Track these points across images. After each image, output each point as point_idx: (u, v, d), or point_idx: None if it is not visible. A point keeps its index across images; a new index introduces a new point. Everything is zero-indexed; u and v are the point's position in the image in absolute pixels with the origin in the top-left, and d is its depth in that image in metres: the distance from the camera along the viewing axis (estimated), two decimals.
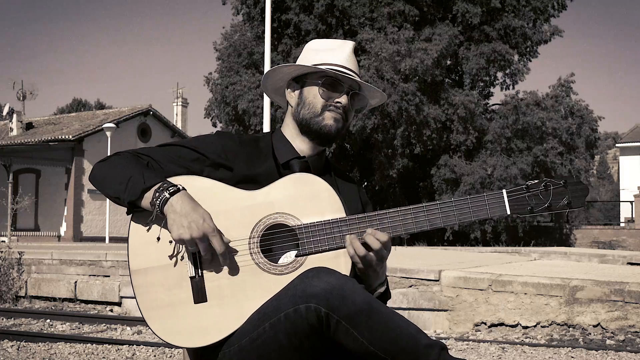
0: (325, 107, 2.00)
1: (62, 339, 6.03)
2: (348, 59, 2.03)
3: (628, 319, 6.09)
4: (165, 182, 1.82)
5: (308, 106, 2.01)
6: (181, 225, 1.76)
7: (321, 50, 2.05)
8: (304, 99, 2.03)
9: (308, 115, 2.01)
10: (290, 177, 1.90)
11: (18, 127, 31.60)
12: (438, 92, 23.96)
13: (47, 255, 10.63)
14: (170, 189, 1.80)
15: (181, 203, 1.78)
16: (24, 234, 27.59)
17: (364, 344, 1.66)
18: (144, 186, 1.80)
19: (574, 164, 23.78)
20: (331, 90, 2.00)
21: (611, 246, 23.61)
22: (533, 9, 25.52)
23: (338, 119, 2.00)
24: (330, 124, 2.00)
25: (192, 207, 1.78)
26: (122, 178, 1.83)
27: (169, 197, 1.78)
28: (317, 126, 2.00)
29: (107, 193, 1.88)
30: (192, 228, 1.75)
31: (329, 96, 2.00)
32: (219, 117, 26.90)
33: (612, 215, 36.85)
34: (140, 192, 1.81)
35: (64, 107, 65.56)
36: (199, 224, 1.76)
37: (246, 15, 26.54)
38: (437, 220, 1.85)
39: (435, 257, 10.09)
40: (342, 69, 2.01)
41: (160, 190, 1.79)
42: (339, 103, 2.00)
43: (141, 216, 1.87)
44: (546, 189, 1.84)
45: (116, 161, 1.90)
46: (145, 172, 1.85)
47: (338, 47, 2.05)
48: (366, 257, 1.82)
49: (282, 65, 2.08)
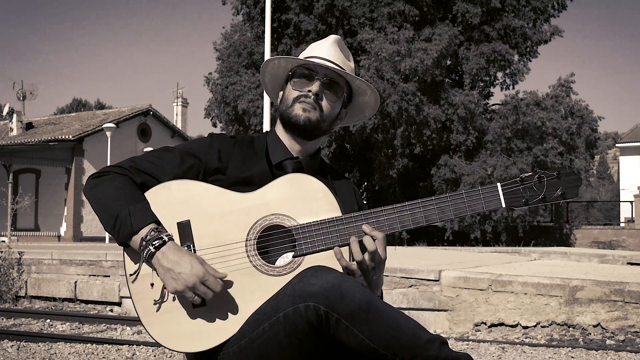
0: (296, 99, 2.01)
1: (62, 339, 6.04)
2: (327, 50, 2.05)
3: (628, 319, 6.09)
4: (152, 230, 1.79)
5: (285, 100, 2.04)
6: (171, 279, 1.76)
7: (309, 48, 2.10)
8: (285, 95, 2.06)
9: (283, 108, 2.04)
10: (285, 177, 1.90)
11: (18, 127, 31.61)
12: (438, 92, 23.95)
13: (47, 255, 10.62)
14: (156, 242, 1.78)
15: (167, 257, 1.77)
16: (24, 234, 27.59)
17: (364, 341, 1.66)
18: (132, 230, 1.80)
19: (574, 164, 23.77)
20: (303, 81, 2.01)
21: (611, 246, 23.60)
22: (533, 9, 25.52)
23: (307, 109, 1.99)
24: (298, 113, 1.99)
25: (178, 257, 1.77)
26: (112, 213, 1.82)
27: (154, 251, 1.78)
28: (288, 117, 2.01)
29: (101, 223, 1.89)
30: (181, 279, 1.75)
31: (301, 86, 2.01)
32: (219, 117, 26.91)
33: (612, 215, 36.89)
34: (129, 236, 1.81)
35: (64, 107, 65.61)
36: (187, 272, 1.75)
37: (246, 15, 26.54)
38: (433, 215, 1.85)
39: (435, 257, 10.09)
40: (317, 60, 2.02)
41: (147, 241, 1.78)
42: (309, 92, 2.00)
43: None
44: (540, 180, 1.84)
45: (108, 186, 1.87)
46: (133, 208, 1.81)
47: (320, 42, 2.09)
48: (362, 263, 1.82)
49: (273, 58, 2.09)
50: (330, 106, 2.03)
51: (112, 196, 1.84)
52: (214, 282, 1.76)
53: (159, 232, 1.79)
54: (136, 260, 1.84)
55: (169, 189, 1.88)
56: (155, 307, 1.82)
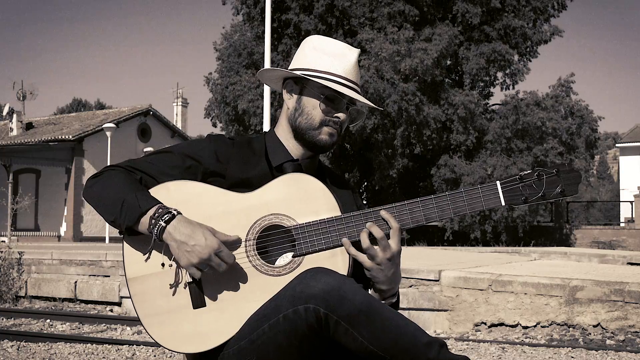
0: (323, 122, 1.96)
1: (62, 339, 6.03)
2: (352, 70, 1.98)
3: (628, 319, 6.09)
4: (160, 208, 1.79)
5: (306, 116, 1.97)
6: (185, 252, 1.75)
7: (325, 53, 1.98)
8: (302, 107, 1.98)
9: (305, 125, 1.97)
10: (284, 177, 1.89)
11: (18, 127, 31.60)
12: (438, 92, 23.95)
13: (47, 255, 10.63)
14: (165, 216, 1.77)
15: (179, 229, 1.76)
16: (24, 234, 27.59)
17: (363, 344, 1.66)
18: (140, 211, 1.79)
19: (574, 164, 23.75)
20: (331, 106, 1.96)
21: (611, 246, 23.60)
22: (533, 9, 25.52)
23: (333, 134, 1.98)
24: (325, 139, 1.97)
25: (191, 229, 1.77)
26: (116, 200, 1.81)
27: (165, 225, 1.77)
28: (312, 139, 1.97)
29: (102, 215, 1.86)
30: (197, 250, 1.74)
31: (329, 111, 1.96)
32: (219, 117, 26.92)
33: (612, 215, 36.90)
34: (137, 217, 1.79)
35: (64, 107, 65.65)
36: (202, 244, 1.75)
37: (246, 15, 26.53)
38: (433, 214, 1.84)
39: (435, 257, 10.09)
40: (346, 82, 1.96)
41: (157, 218, 1.77)
42: (337, 119, 1.97)
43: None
44: (539, 178, 1.83)
45: (108, 180, 1.87)
46: (139, 193, 1.82)
47: (343, 54, 1.98)
48: (374, 256, 1.80)
49: (283, 70, 2.03)
50: (345, 126, 2.04)
51: (115, 188, 1.84)
52: (228, 254, 1.77)
53: (166, 208, 1.79)
54: (139, 247, 1.84)
55: (168, 189, 1.88)
56: (157, 305, 1.81)
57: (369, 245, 1.80)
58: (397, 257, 1.84)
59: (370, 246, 1.80)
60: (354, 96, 1.96)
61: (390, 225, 1.81)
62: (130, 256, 1.86)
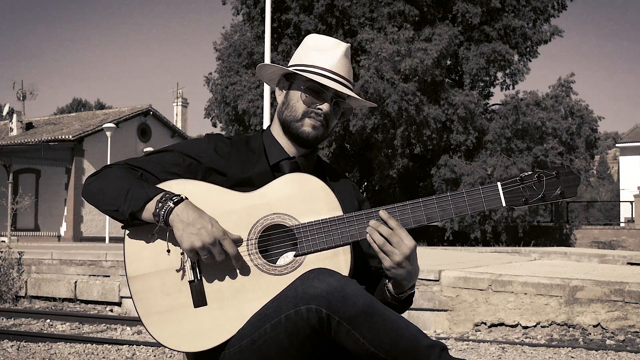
0: (305, 113, 1.98)
1: (62, 339, 6.03)
2: (338, 63, 1.99)
3: (628, 319, 6.09)
4: (167, 192, 1.80)
5: (290, 109, 2.00)
6: (191, 234, 1.74)
7: (314, 49, 2.01)
8: (288, 101, 2.01)
9: (289, 118, 2.00)
10: (286, 177, 1.89)
11: (18, 127, 31.60)
12: (438, 92, 23.96)
13: (47, 255, 10.62)
14: (174, 198, 1.78)
15: (187, 211, 1.77)
16: (24, 234, 27.60)
17: (365, 345, 1.66)
18: (147, 197, 1.78)
19: (574, 164, 23.77)
20: (314, 97, 1.97)
21: (611, 246, 23.61)
22: (533, 9, 25.53)
23: (317, 126, 1.98)
24: (308, 130, 1.98)
25: (198, 214, 1.77)
26: (120, 190, 1.81)
27: (173, 206, 1.76)
28: (296, 131, 1.99)
29: (103, 207, 1.84)
30: (202, 234, 1.74)
31: (312, 102, 1.97)
32: (219, 117, 26.94)
33: (612, 215, 36.91)
34: (143, 202, 1.78)
35: (64, 107, 65.65)
36: (208, 229, 1.75)
37: (246, 15, 26.54)
38: (434, 214, 1.84)
39: (435, 257, 10.09)
40: (330, 75, 1.97)
41: (164, 201, 1.77)
42: (320, 110, 1.97)
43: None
44: (539, 180, 1.84)
45: (110, 174, 1.87)
46: (144, 183, 1.83)
47: (330, 48, 2.00)
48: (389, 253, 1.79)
49: (276, 66, 2.05)
50: (334, 121, 2.04)
51: (118, 181, 1.84)
52: (230, 245, 1.77)
53: (174, 193, 1.80)
54: (140, 245, 1.83)
55: (170, 188, 1.87)
56: (158, 303, 1.80)
57: (383, 241, 1.79)
58: (413, 251, 1.82)
59: (385, 242, 1.80)
60: (337, 88, 1.96)
61: (390, 225, 1.81)
62: (131, 254, 1.85)
